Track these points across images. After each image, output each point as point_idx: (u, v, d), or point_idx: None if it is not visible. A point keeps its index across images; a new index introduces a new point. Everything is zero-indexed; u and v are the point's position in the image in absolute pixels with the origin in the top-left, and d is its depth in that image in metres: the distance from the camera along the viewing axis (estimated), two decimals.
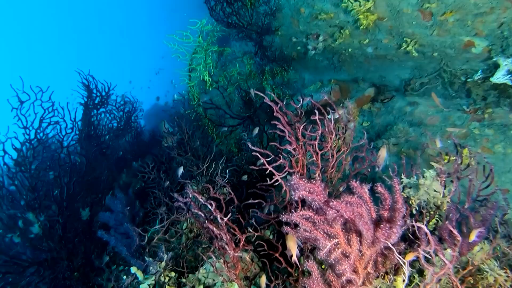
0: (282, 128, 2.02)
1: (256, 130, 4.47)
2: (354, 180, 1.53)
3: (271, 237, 2.51)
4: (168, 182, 3.57)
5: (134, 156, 6.48)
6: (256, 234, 2.12)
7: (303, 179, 1.52)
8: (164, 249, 2.58)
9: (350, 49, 4.79)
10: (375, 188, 1.47)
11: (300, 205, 1.89)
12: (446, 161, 3.68)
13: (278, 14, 4.96)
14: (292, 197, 1.53)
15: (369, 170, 2.37)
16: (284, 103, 2.14)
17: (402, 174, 2.29)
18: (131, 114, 5.92)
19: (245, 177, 3.63)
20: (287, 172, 2.03)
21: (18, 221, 3.41)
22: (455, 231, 1.54)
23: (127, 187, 4.99)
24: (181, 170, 3.38)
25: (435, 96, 3.77)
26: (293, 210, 1.56)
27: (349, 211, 1.42)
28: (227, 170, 3.42)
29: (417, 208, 2.19)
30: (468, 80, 4.00)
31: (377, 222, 1.53)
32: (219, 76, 5.67)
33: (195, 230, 3.26)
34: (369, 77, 5.52)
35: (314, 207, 1.53)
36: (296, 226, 1.60)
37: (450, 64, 4.13)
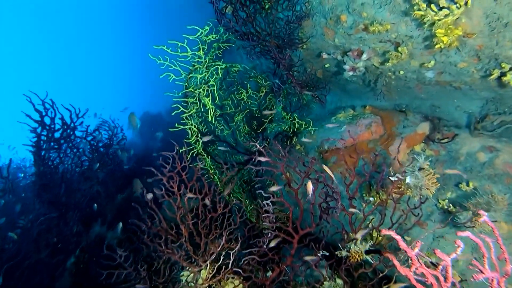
0: None
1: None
2: None
3: None
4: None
5: (113, 191, 5.20)
6: None
7: None
8: None
9: (401, 72, 3.58)
10: None
11: None
12: None
13: (306, 22, 3.73)
14: None
15: None
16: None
17: None
18: (109, 143, 4.62)
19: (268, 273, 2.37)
20: None
21: None
22: None
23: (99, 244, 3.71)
24: None
25: None
26: None
27: None
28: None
29: None
30: None
31: None
32: (224, 100, 4.39)
33: None
34: (415, 105, 4.30)
35: None
36: None
37: None
